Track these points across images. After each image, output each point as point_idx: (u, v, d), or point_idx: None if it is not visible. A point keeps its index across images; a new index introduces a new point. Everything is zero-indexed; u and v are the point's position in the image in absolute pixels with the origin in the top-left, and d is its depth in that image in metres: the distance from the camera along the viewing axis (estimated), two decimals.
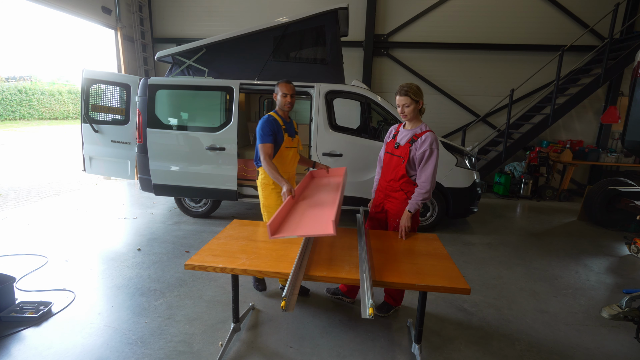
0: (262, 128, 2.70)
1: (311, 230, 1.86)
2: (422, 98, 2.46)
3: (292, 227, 1.94)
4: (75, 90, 24.91)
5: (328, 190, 2.68)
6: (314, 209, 2.25)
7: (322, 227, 1.85)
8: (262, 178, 2.86)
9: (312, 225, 1.93)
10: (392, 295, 2.78)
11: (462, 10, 7.28)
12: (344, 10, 4.37)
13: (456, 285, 1.80)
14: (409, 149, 2.46)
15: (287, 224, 2.01)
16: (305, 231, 1.87)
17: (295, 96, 2.83)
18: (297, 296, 1.66)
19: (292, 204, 2.37)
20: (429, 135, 2.43)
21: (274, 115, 2.82)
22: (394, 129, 2.68)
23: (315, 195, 2.61)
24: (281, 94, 2.77)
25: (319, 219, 2.01)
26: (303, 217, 2.11)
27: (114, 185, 6.94)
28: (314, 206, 2.31)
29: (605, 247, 4.49)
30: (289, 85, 2.80)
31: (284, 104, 2.80)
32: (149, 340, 2.39)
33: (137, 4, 7.55)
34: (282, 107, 2.83)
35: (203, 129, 4.57)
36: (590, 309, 3.00)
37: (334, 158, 4.47)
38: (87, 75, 4.91)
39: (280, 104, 2.82)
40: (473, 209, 4.72)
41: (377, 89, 7.75)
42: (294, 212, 2.24)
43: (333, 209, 2.04)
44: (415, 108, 2.45)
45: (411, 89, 2.41)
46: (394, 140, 2.60)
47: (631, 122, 3.09)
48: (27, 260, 3.54)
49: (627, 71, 6.90)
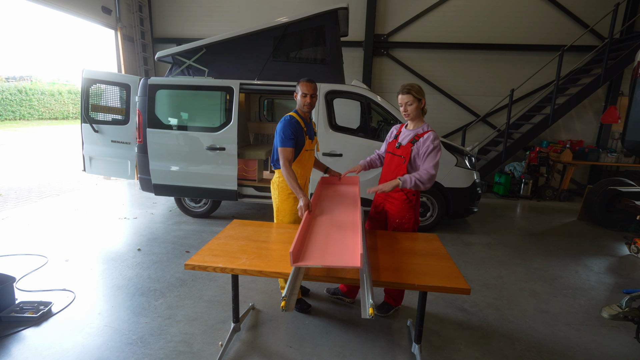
0: (284, 130, 2.53)
1: (338, 261, 1.74)
2: (424, 97, 2.47)
3: (317, 255, 1.81)
4: (75, 90, 24.91)
5: (346, 205, 2.57)
6: (337, 231, 2.11)
7: (349, 258, 1.75)
8: (279, 181, 2.71)
9: (339, 255, 1.80)
10: (392, 295, 2.78)
11: (462, 10, 7.28)
12: (344, 10, 4.37)
13: (456, 285, 1.80)
14: (411, 149, 2.46)
15: (310, 250, 1.87)
16: (333, 262, 1.74)
17: (316, 96, 2.65)
18: (297, 296, 1.66)
19: (310, 222, 2.24)
20: (430, 134, 2.44)
21: (295, 116, 2.63)
22: (396, 129, 2.68)
23: (334, 210, 2.48)
24: (301, 94, 2.60)
25: (345, 246, 1.90)
26: (328, 242, 1.96)
27: (114, 185, 6.94)
28: (337, 227, 2.17)
29: (605, 247, 4.49)
30: (310, 84, 2.60)
31: (303, 104, 2.61)
32: (149, 340, 2.39)
33: (137, 4, 7.55)
34: (302, 108, 2.65)
35: (203, 129, 4.57)
36: (590, 309, 3.00)
37: (334, 158, 4.47)
38: (87, 75, 4.91)
39: (299, 104, 2.64)
40: (473, 209, 4.72)
41: (377, 89, 7.75)
42: (315, 233, 2.09)
43: (357, 235, 1.94)
44: (418, 107, 2.45)
45: (413, 88, 2.43)
46: (396, 140, 2.60)
47: (631, 122, 3.10)
48: (27, 260, 3.54)
49: (627, 71, 6.90)
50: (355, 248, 1.81)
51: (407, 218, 2.56)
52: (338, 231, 2.10)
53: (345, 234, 2.05)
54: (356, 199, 2.59)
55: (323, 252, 1.84)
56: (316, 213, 2.39)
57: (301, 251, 1.85)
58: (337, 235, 2.04)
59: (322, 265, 1.72)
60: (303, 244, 1.92)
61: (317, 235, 2.06)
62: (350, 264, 1.70)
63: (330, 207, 2.53)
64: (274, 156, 2.67)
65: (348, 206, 2.54)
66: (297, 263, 1.73)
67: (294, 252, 1.70)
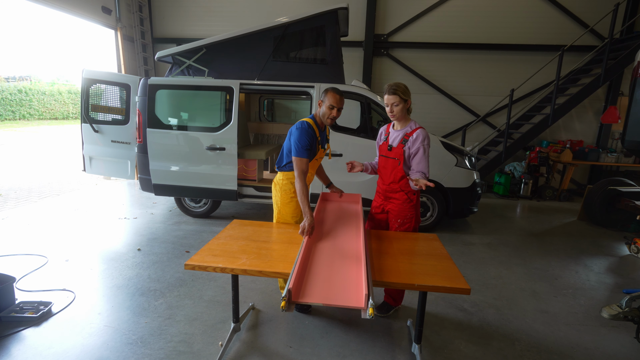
0: (301, 139, 2.39)
1: (341, 301, 1.61)
2: (410, 97, 2.46)
3: (319, 291, 1.67)
4: (75, 90, 24.92)
5: (349, 226, 2.47)
6: (340, 262, 1.97)
7: (352, 297, 1.63)
8: (284, 183, 2.64)
9: (342, 293, 1.67)
10: (392, 295, 2.78)
11: (462, 10, 7.28)
12: (344, 10, 4.37)
13: (456, 285, 1.79)
14: (403, 149, 2.46)
15: (311, 284, 1.74)
16: (335, 301, 1.61)
17: (342, 110, 2.50)
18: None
19: (311, 247, 2.13)
20: (420, 132, 2.43)
21: (312, 123, 2.46)
22: (384, 131, 2.67)
23: (336, 234, 2.36)
24: (328, 105, 2.43)
25: (348, 280, 1.78)
26: (330, 275, 1.83)
27: (114, 185, 6.94)
28: (339, 256, 2.04)
29: (605, 247, 4.49)
30: (341, 98, 2.42)
31: (328, 116, 2.46)
32: (149, 340, 2.39)
33: (137, 4, 7.55)
34: (324, 119, 2.50)
35: (203, 129, 4.57)
36: (590, 309, 3.00)
37: (334, 158, 4.47)
38: (87, 75, 4.91)
39: (323, 114, 2.48)
40: (473, 209, 4.72)
41: (377, 89, 7.75)
42: (316, 263, 1.95)
43: (361, 269, 1.83)
44: (404, 107, 2.45)
45: (399, 88, 2.41)
46: (386, 142, 2.60)
47: (631, 122, 3.10)
48: (27, 260, 3.54)
49: (627, 71, 6.90)
50: (360, 285, 1.70)
51: (409, 218, 2.56)
52: (341, 262, 1.97)
53: (348, 265, 1.93)
54: (359, 221, 2.50)
55: (325, 288, 1.71)
56: (317, 237, 2.29)
57: (301, 285, 1.72)
58: (340, 267, 1.91)
59: (323, 304, 1.60)
60: (303, 276, 1.80)
61: (319, 266, 1.92)
62: (355, 304, 1.57)
63: (332, 230, 2.42)
64: (283, 159, 2.59)
65: (351, 229, 2.43)
66: (297, 300, 1.58)
67: (293, 288, 1.59)
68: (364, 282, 1.64)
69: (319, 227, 2.45)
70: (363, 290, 1.59)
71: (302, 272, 1.80)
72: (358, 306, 1.55)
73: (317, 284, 1.74)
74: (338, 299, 1.61)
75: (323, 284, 1.74)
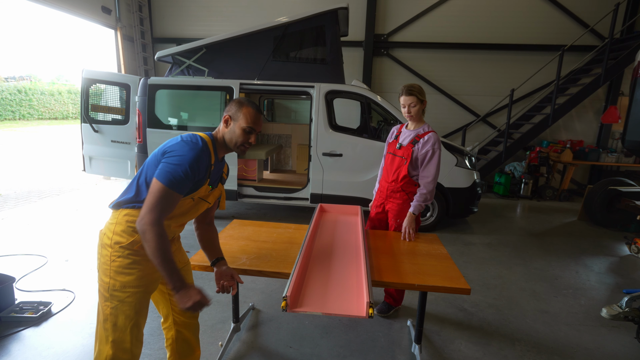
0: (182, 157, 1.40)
1: (341, 309, 1.54)
2: (425, 97, 2.47)
3: (317, 300, 1.60)
4: (75, 90, 24.91)
5: (348, 233, 2.39)
6: (340, 268, 1.90)
7: (353, 306, 1.55)
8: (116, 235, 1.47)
9: (342, 301, 1.60)
10: (392, 295, 2.78)
11: (462, 10, 7.27)
12: (344, 10, 4.37)
13: (456, 285, 1.79)
14: (412, 150, 2.46)
15: (309, 292, 1.65)
16: (335, 309, 1.53)
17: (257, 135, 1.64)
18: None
19: (309, 256, 2.01)
20: (431, 135, 2.43)
21: (209, 144, 1.52)
22: (396, 130, 2.68)
23: (335, 239, 2.28)
24: (243, 127, 1.54)
25: (348, 287, 1.70)
26: (328, 282, 1.75)
27: (114, 185, 6.93)
28: (338, 262, 1.97)
29: (605, 247, 4.49)
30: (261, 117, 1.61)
31: (241, 142, 1.58)
32: (149, 340, 2.39)
33: (137, 3, 7.55)
34: (231, 144, 1.58)
35: (203, 128, 4.57)
36: (591, 309, 3.00)
37: (334, 158, 4.47)
38: (87, 75, 4.91)
39: (232, 138, 1.56)
40: (473, 209, 4.72)
41: (377, 89, 7.75)
42: (314, 270, 1.86)
43: (362, 275, 1.76)
44: (421, 108, 2.46)
45: (415, 89, 2.42)
46: (396, 140, 2.60)
47: (631, 122, 3.10)
48: (27, 260, 3.54)
49: (628, 71, 6.89)
50: (360, 292, 1.63)
51: None
52: (340, 268, 1.90)
53: (348, 271, 1.86)
54: (357, 229, 2.43)
55: (324, 297, 1.62)
56: (314, 247, 2.17)
57: (299, 294, 1.63)
58: (340, 274, 1.84)
59: (323, 313, 1.52)
60: (301, 284, 1.71)
61: (317, 273, 1.84)
62: (355, 313, 1.50)
63: (331, 238, 2.32)
64: (132, 188, 1.49)
65: (350, 236, 2.35)
66: (295, 309, 1.50)
67: (291, 296, 1.50)
68: (365, 289, 1.58)
69: (316, 238, 2.27)
70: (364, 298, 1.52)
71: (299, 280, 1.71)
72: (359, 315, 1.49)
73: (315, 292, 1.66)
74: (338, 308, 1.55)
75: (321, 292, 1.66)
